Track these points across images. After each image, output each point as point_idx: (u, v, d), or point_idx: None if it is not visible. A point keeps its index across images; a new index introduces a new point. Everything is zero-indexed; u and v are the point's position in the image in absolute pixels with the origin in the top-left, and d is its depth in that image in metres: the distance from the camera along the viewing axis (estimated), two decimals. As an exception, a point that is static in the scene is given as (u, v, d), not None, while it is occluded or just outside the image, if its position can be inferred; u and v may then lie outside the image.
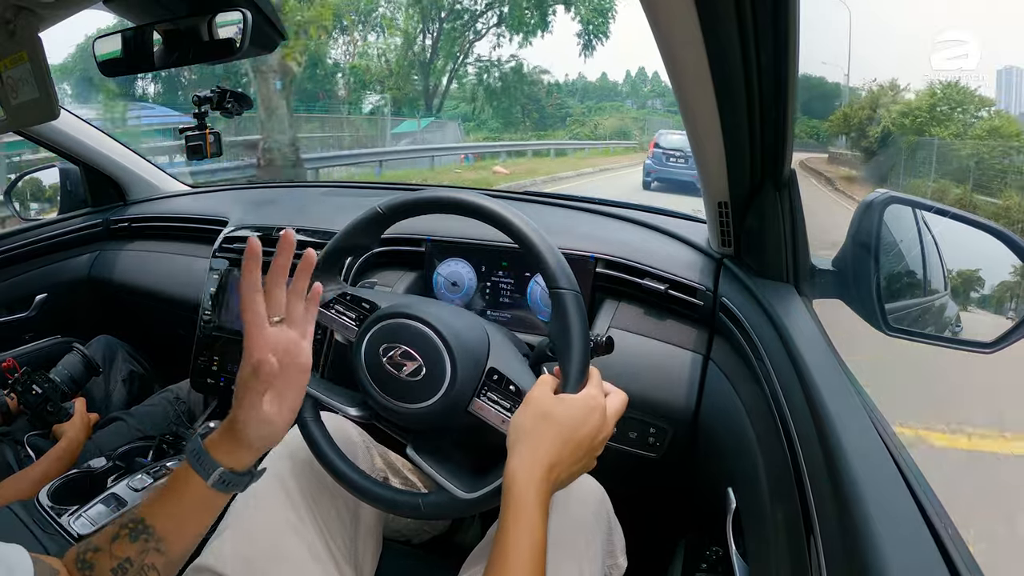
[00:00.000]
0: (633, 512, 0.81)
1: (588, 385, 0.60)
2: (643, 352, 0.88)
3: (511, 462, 0.54)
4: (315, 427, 0.69)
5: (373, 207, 0.68)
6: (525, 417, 0.57)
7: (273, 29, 0.65)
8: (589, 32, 17.54)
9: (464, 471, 0.63)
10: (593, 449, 0.58)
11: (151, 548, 0.51)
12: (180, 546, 0.53)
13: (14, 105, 0.72)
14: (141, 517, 0.52)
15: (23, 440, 1.09)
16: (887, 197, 0.75)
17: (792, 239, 0.75)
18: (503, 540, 0.50)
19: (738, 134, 0.64)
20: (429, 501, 0.63)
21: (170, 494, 0.53)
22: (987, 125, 7.96)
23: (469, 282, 1.02)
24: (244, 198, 1.49)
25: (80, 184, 1.56)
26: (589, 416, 0.57)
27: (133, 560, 0.51)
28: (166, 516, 0.52)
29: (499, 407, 0.61)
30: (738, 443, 0.70)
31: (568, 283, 0.60)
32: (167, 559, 0.52)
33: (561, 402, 0.57)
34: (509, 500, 0.52)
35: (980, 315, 0.77)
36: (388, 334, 0.64)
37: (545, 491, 0.53)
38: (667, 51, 0.54)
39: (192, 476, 0.52)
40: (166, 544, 0.52)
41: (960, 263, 0.81)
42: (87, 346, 1.31)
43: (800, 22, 0.51)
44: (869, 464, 0.45)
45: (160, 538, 0.52)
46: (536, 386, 0.59)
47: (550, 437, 0.55)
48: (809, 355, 0.60)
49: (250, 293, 0.53)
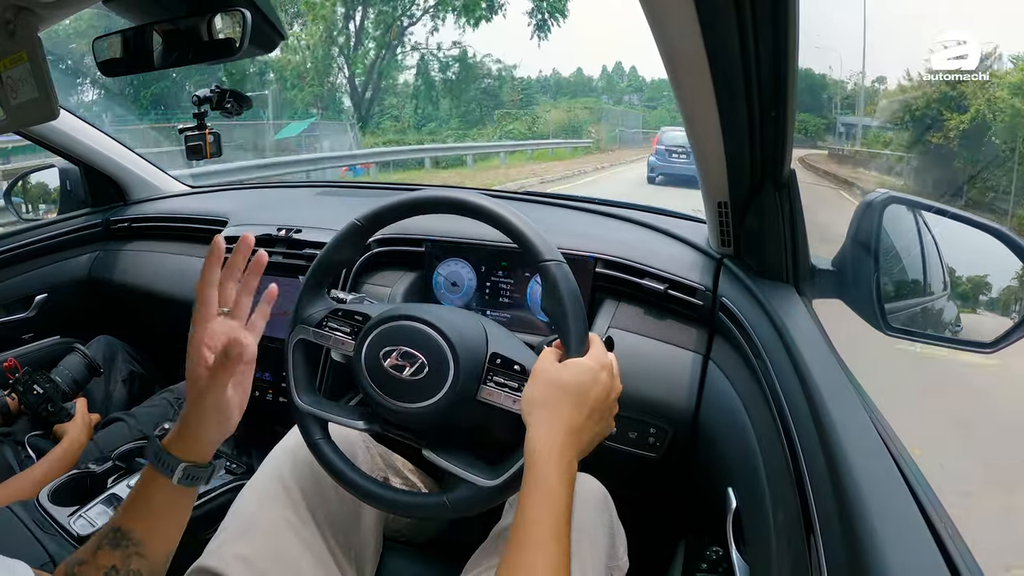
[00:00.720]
0: (633, 512, 0.81)
1: (592, 346, 0.59)
2: (643, 352, 0.88)
3: (529, 434, 0.54)
4: (328, 448, 0.69)
5: (352, 220, 0.69)
6: (535, 389, 0.57)
7: (272, 29, 0.65)
8: (543, 10, 14.70)
9: (482, 461, 0.63)
10: (608, 408, 0.58)
11: (133, 553, 0.52)
12: (160, 547, 0.54)
13: (14, 105, 0.72)
14: (118, 525, 0.53)
15: (24, 440, 1.09)
16: (887, 197, 0.75)
17: (792, 239, 0.75)
18: (525, 514, 0.49)
19: (738, 133, 0.64)
20: (455, 497, 0.62)
21: (140, 498, 0.54)
22: None
23: (469, 282, 1.02)
24: (244, 198, 1.49)
25: (80, 184, 1.56)
26: (598, 375, 0.57)
27: (119, 567, 0.52)
28: (140, 520, 0.53)
29: (508, 389, 0.61)
30: (738, 443, 0.70)
31: (551, 254, 0.60)
32: (151, 562, 0.53)
33: (568, 367, 0.57)
34: (530, 472, 0.51)
35: (980, 315, 0.77)
36: (386, 338, 0.64)
37: (567, 458, 0.52)
38: (665, 47, 0.54)
39: (157, 477, 0.53)
40: (146, 547, 0.53)
41: (960, 263, 0.81)
42: (87, 346, 1.31)
43: (800, 18, 0.51)
44: (869, 464, 0.45)
45: (139, 542, 0.53)
46: (540, 359, 0.59)
47: (564, 402, 0.54)
48: (809, 355, 0.60)
49: (206, 288, 0.55)
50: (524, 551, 0.48)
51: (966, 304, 0.78)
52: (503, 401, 0.61)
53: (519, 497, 0.51)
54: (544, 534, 0.48)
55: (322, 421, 0.69)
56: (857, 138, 10.23)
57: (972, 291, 0.79)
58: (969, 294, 0.79)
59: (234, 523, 0.69)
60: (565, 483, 0.51)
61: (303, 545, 0.68)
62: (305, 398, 0.69)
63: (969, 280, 0.80)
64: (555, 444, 0.52)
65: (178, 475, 0.53)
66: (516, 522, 0.50)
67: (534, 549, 0.48)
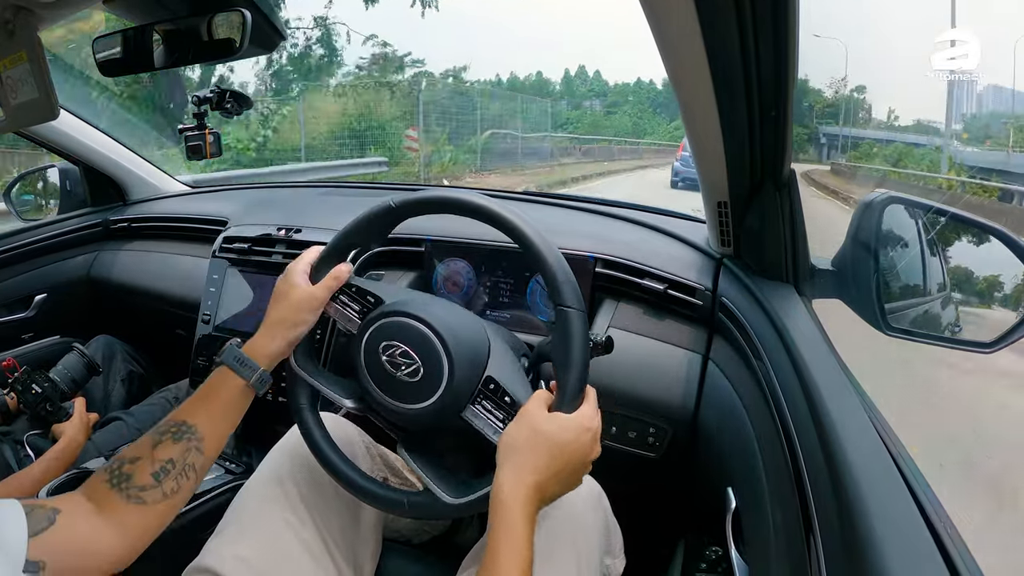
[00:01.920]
0: (633, 512, 0.81)
1: (585, 404, 0.59)
2: (642, 352, 0.88)
3: (499, 476, 0.55)
4: (310, 416, 0.69)
5: (386, 201, 0.68)
6: (518, 431, 0.57)
7: (272, 29, 0.65)
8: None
9: (452, 476, 0.64)
10: (582, 468, 0.58)
11: (193, 448, 0.57)
12: (215, 445, 0.60)
13: (14, 105, 0.72)
14: (183, 419, 0.58)
15: (23, 440, 1.09)
16: (887, 197, 0.75)
17: (792, 239, 0.75)
18: (493, 555, 0.51)
19: (738, 133, 0.64)
20: (414, 501, 0.64)
21: (211, 395, 0.60)
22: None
23: (469, 282, 1.02)
24: (244, 198, 1.49)
25: (80, 184, 1.56)
26: (580, 436, 0.57)
27: (176, 460, 0.56)
28: (207, 417, 0.59)
29: (492, 417, 0.61)
30: (738, 443, 0.70)
31: (576, 303, 0.60)
32: (204, 458, 0.58)
33: (554, 420, 0.57)
34: (496, 516, 0.53)
35: (980, 315, 0.77)
36: (389, 332, 0.64)
37: (531, 509, 0.53)
38: (665, 47, 0.54)
39: (230, 379, 0.60)
40: (205, 443, 0.58)
41: (960, 263, 0.81)
42: (86, 346, 1.31)
43: (800, 20, 0.51)
44: (869, 464, 0.45)
45: (201, 437, 0.58)
46: (531, 401, 0.59)
47: (538, 454, 0.55)
48: (809, 355, 0.60)
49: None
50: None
51: (966, 304, 0.78)
52: (483, 428, 0.61)
53: (489, 538, 0.52)
54: (512, 573, 0.50)
55: (312, 390, 0.69)
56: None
57: (972, 291, 0.79)
58: (969, 294, 0.79)
59: (233, 523, 0.68)
60: (529, 528, 0.52)
61: (302, 545, 0.68)
62: (301, 361, 0.69)
63: (969, 280, 0.80)
64: (520, 493, 0.53)
65: (254, 377, 0.61)
66: (487, 559, 0.51)
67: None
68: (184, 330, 1.23)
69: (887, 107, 14.85)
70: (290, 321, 0.65)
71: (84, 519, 0.52)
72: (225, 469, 1.04)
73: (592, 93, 24.76)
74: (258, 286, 1.17)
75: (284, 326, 0.64)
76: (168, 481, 0.56)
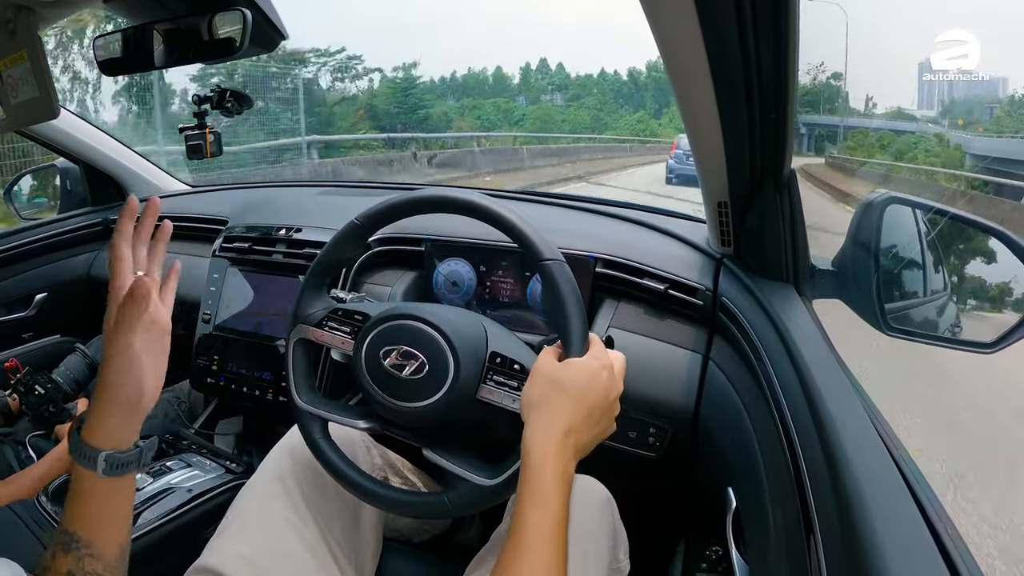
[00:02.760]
0: (633, 512, 0.81)
1: (593, 346, 0.59)
2: (643, 352, 0.88)
3: (525, 434, 0.53)
4: (328, 447, 0.69)
5: (351, 220, 0.69)
6: (534, 388, 0.56)
7: (273, 28, 0.65)
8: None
9: (482, 461, 0.63)
10: (608, 408, 0.57)
11: (84, 555, 0.50)
12: (110, 545, 0.52)
13: (14, 104, 0.72)
14: (64, 528, 0.51)
15: (25, 441, 1.09)
16: (887, 197, 0.75)
17: (792, 239, 0.75)
18: (519, 517, 0.49)
19: (738, 133, 0.64)
20: (455, 497, 0.62)
21: (76, 497, 0.51)
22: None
23: (469, 282, 1.02)
24: (244, 198, 1.49)
25: (80, 183, 1.56)
26: (597, 375, 0.56)
27: (75, 572, 0.50)
28: (83, 520, 0.51)
29: (507, 388, 0.61)
30: (738, 443, 0.70)
31: (551, 253, 0.60)
32: (104, 562, 0.51)
33: (567, 367, 0.56)
34: (525, 474, 0.51)
35: (980, 315, 0.77)
36: (386, 337, 0.64)
37: (564, 459, 0.51)
38: (665, 47, 0.54)
39: (85, 473, 0.50)
40: (96, 547, 0.51)
41: (960, 263, 0.81)
42: (88, 346, 1.31)
43: (800, 19, 0.51)
44: (869, 464, 0.45)
45: (88, 543, 0.50)
46: (539, 359, 0.59)
47: (561, 402, 0.54)
48: (809, 355, 0.60)
49: (121, 242, 0.54)
50: (519, 554, 0.48)
51: (966, 304, 0.78)
52: (503, 400, 0.61)
53: (515, 499, 0.51)
54: (539, 538, 0.48)
55: (322, 420, 0.69)
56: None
57: (972, 291, 0.79)
58: (969, 294, 0.79)
59: (234, 522, 0.69)
60: (561, 485, 0.50)
61: (303, 544, 0.68)
62: (304, 397, 0.69)
63: (969, 280, 0.80)
64: (551, 445, 0.51)
65: (101, 466, 0.49)
66: (512, 524, 0.49)
67: (529, 552, 0.47)
68: (184, 330, 1.23)
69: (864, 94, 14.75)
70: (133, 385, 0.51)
71: None
72: (226, 469, 1.04)
73: (552, 87, 22.18)
74: (259, 285, 1.17)
75: (124, 394, 0.51)
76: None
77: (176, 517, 0.93)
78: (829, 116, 13.80)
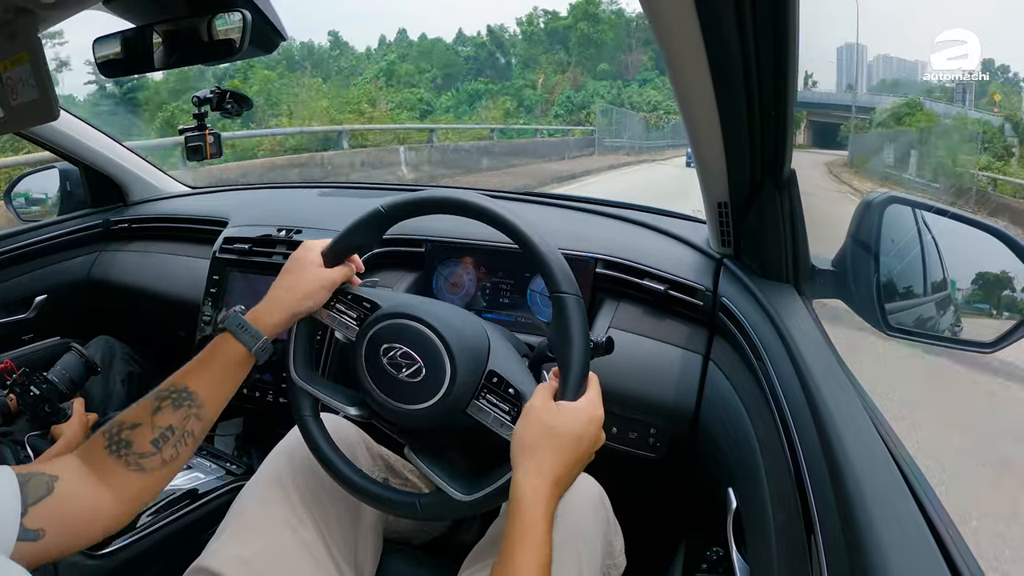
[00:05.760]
0: (633, 512, 0.81)
1: (588, 391, 0.59)
2: (643, 352, 0.88)
3: (517, 477, 0.54)
4: (314, 425, 0.69)
5: (376, 206, 0.68)
6: (528, 430, 0.57)
7: (272, 29, 0.65)
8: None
9: (462, 473, 0.63)
10: (588, 457, 0.58)
11: (192, 415, 0.57)
12: (214, 411, 0.60)
13: (14, 106, 0.72)
14: (184, 384, 0.58)
15: (23, 440, 1.09)
16: (887, 197, 0.75)
17: (792, 239, 0.75)
18: (511, 555, 0.50)
19: (738, 134, 0.64)
20: (426, 502, 0.63)
21: (212, 361, 0.60)
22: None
23: (469, 282, 1.02)
24: (244, 199, 1.49)
25: (80, 185, 1.56)
26: (589, 427, 0.57)
27: (175, 427, 0.56)
28: (207, 382, 0.59)
29: (498, 410, 0.61)
30: (738, 443, 0.70)
31: (569, 287, 0.59)
32: (203, 424, 0.59)
33: (562, 413, 0.57)
34: (517, 517, 0.52)
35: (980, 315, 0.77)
36: (389, 334, 0.64)
37: (553, 505, 0.53)
38: (665, 47, 0.54)
39: (232, 345, 0.61)
40: (204, 410, 0.58)
41: (960, 263, 0.81)
42: (86, 347, 1.31)
43: (800, 18, 0.51)
44: (869, 464, 0.45)
45: (201, 403, 0.58)
46: (535, 394, 0.59)
47: (555, 452, 0.55)
48: (809, 355, 0.60)
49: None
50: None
51: (966, 304, 0.78)
52: (489, 421, 0.61)
53: (505, 539, 0.52)
54: (531, 571, 0.49)
55: (313, 398, 0.69)
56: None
57: (972, 291, 0.79)
58: (969, 294, 0.79)
59: (233, 524, 0.68)
60: (549, 528, 0.52)
61: (302, 546, 0.68)
62: (301, 372, 0.69)
63: (969, 280, 0.80)
64: (542, 492, 0.53)
65: (258, 345, 0.61)
66: (504, 563, 0.50)
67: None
68: (184, 331, 1.23)
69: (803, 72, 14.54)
70: (301, 292, 0.65)
71: (83, 486, 0.53)
72: (225, 470, 1.04)
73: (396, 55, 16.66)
74: (259, 287, 1.17)
75: (293, 297, 0.65)
76: (167, 448, 0.56)
77: (176, 519, 0.92)
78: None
